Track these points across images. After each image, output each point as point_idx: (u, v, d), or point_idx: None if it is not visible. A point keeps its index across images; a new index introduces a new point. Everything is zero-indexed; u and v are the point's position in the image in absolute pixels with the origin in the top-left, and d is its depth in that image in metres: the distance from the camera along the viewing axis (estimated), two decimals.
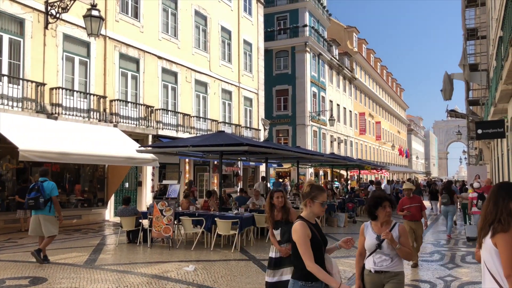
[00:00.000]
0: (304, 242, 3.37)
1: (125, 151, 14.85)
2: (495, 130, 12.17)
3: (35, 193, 8.59)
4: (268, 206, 5.31)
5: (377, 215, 4.18)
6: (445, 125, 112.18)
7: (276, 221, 5.23)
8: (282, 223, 5.17)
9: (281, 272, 5.03)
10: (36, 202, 8.54)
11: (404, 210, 8.77)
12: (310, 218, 3.55)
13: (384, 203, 4.18)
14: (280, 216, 5.23)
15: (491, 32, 17.81)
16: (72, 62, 15.77)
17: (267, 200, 5.38)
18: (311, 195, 3.55)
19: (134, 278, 7.63)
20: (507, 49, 7.93)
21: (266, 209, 5.34)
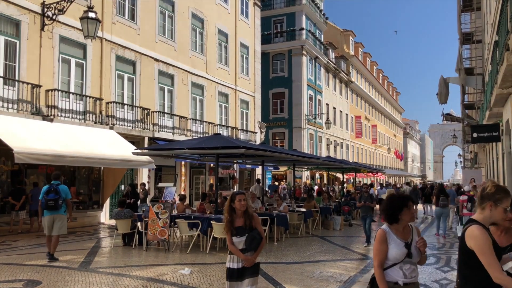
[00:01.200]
0: (487, 250, 2.97)
1: (121, 153, 14.82)
2: (490, 134, 12.23)
3: (54, 195, 9.14)
4: (228, 210, 4.77)
5: (401, 217, 3.61)
6: (440, 129, 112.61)
7: (237, 227, 4.70)
8: (246, 229, 4.68)
9: (245, 283, 4.67)
10: (55, 203, 9.13)
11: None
12: (486, 223, 3.16)
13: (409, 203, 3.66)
14: (242, 221, 4.72)
15: (487, 36, 17.92)
16: (68, 64, 15.74)
17: (226, 203, 4.84)
18: (495, 198, 3.14)
19: (129, 281, 7.59)
20: (502, 53, 7.98)
21: (225, 214, 4.81)
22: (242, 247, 4.67)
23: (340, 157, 41.12)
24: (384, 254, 3.57)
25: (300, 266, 9.08)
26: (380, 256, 3.57)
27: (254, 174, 28.08)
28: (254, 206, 13.31)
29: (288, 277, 8.05)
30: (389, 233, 3.60)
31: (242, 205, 4.72)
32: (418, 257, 3.59)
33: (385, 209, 3.70)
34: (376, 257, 3.58)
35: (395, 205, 3.64)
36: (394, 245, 3.56)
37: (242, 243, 4.68)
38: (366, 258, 10.29)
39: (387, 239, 3.58)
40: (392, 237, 3.59)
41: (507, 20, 7.30)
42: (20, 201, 13.72)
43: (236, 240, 4.67)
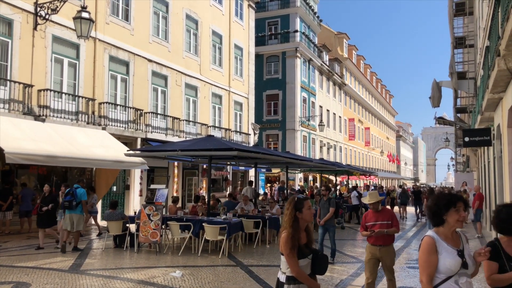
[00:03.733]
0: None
1: (113, 154, 14.73)
2: (482, 138, 12.32)
3: (70, 197, 10.87)
4: (291, 222, 3.59)
5: (446, 219, 3.12)
6: (433, 132, 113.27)
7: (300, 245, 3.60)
8: (308, 247, 3.66)
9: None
10: (70, 204, 10.79)
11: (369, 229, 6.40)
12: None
13: (458, 203, 3.13)
14: (305, 237, 3.68)
15: (479, 41, 18.06)
16: (61, 64, 15.64)
17: (289, 211, 3.67)
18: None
19: (120, 284, 7.55)
20: (494, 59, 8.04)
21: (287, 226, 3.60)
22: (308, 272, 3.60)
23: (333, 160, 41.22)
24: (434, 266, 3.02)
25: None
26: (430, 270, 3.01)
27: (247, 176, 28.06)
28: (247, 209, 13.31)
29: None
30: (438, 240, 3.09)
31: (311, 214, 3.72)
32: (474, 268, 3.11)
33: (430, 207, 3.25)
34: (425, 272, 3.02)
35: (441, 203, 3.16)
36: (446, 254, 3.04)
37: (308, 267, 3.61)
38: (358, 261, 10.32)
39: (437, 248, 3.05)
40: (442, 244, 3.08)
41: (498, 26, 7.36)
42: (6, 202, 13.62)
43: (302, 264, 3.56)
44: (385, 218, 6.40)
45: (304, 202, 3.66)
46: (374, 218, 6.43)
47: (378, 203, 6.58)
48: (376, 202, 6.54)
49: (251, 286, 7.64)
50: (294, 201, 3.69)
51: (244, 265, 9.34)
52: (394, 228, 6.34)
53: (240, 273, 8.59)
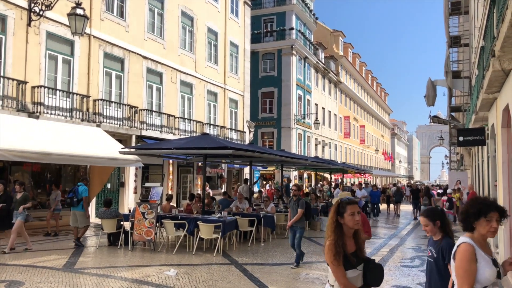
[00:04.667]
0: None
1: (107, 151, 14.67)
2: (476, 137, 12.36)
3: (72, 194, 11.59)
4: (334, 228, 3.30)
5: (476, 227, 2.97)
6: (428, 130, 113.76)
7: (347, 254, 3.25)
8: (358, 256, 3.34)
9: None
10: (71, 201, 11.48)
11: None
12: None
13: (491, 214, 2.93)
14: (354, 244, 3.34)
15: (474, 40, 18.12)
16: (55, 61, 15.53)
17: (331, 215, 3.38)
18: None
19: (114, 283, 7.52)
20: (488, 59, 8.06)
21: (330, 233, 3.30)
22: (360, 284, 3.27)
23: (328, 157, 41.28)
24: (474, 276, 2.84)
25: (286, 268, 9.09)
26: (471, 279, 2.82)
27: (242, 173, 28.06)
28: (242, 207, 13.31)
29: (274, 279, 8.05)
30: (476, 247, 2.93)
31: (356, 221, 3.31)
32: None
33: (462, 213, 3.14)
34: (466, 281, 2.82)
35: (470, 211, 3.01)
36: (484, 263, 2.87)
37: (359, 278, 3.28)
38: None
39: (477, 257, 2.88)
40: (479, 252, 2.91)
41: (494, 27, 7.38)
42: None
43: (351, 275, 3.21)
44: None
45: (348, 207, 3.30)
46: None
47: None
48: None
49: (246, 285, 7.64)
50: (337, 205, 3.39)
51: (239, 263, 9.35)
52: (365, 235, 5.64)
53: (234, 272, 8.59)
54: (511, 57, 6.69)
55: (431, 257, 3.89)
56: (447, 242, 3.81)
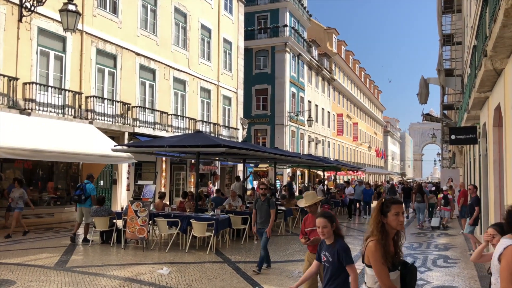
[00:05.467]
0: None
1: (100, 148, 14.60)
2: (468, 136, 12.44)
3: (79, 192, 11.82)
4: (379, 228, 3.17)
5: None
6: (420, 127, 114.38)
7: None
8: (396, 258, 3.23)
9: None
10: (79, 198, 11.73)
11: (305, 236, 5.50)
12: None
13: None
14: (392, 246, 3.24)
15: (466, 38, 18.20)
16: (47, 57, 15.39)
17: (375, 214, 3.23)
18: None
19: (106, 281, 7.49)
20: (481, 58, 8.11)
21: (376, 233, 3.17)
22: (399, 287, 3.21)
23: (322, 155, 41.39)
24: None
25: (279, 266, 9.11)
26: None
27: (236, 171, 28.05)
28: (235, 205, 13.30)
29: (266, 277, 8.07)
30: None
31: (400, 222, 3.19)
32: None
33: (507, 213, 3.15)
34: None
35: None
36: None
37: (398, 280, 3.19)
38: None
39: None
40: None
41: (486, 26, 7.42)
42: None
43: (392, 278, 3.13)
44: None
45: (392, 206, 3.17)
46: (313, 223, 5.37)
47: (316, 206, 5.57)
48: (313, 205, 5.53)
49: (238, 283, 7.64)
50: (380, 204, 3.25)
51: (232, 261, 9.35)
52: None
53: (227, 270, 8.59)
54: (503, 57, 6.73)
55: (328, 261, 3.86)
56: (341, 244, 3.85)
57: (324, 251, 3.93)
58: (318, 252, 4.04)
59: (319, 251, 4.03)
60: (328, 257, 3.87)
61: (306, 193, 5.66)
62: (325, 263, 3.92)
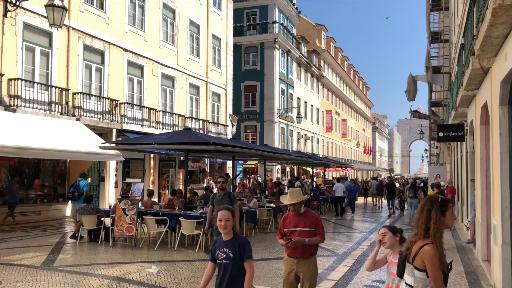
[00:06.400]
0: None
1: (87, 145, 14.44)
2: (456, 133, 12.57)
3: (73, 189, 12.13)
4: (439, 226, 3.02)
5: None
6: (408, 124, 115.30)
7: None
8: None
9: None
10: (72, 195, 12.03)
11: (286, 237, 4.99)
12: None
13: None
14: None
15: (454, 36, 18.35)
16: (32, 53, 15.16)
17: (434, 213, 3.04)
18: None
19: (94, 281, 7.42)
20: (468, 57, 8.17)
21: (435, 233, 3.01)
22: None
23: (311, 151, 41.52)
24: None
25: (269, 263, 9.11)
26: None
27: (225, 167, 27.99)
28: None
29: (256, 275, 8.03)
30: None
31: (453, 220, 3.10)
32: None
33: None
34: None
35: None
36: None
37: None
38: (334, 254, 10.43)
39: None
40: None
41: (473, 25, 7.47)
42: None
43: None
44: (308, 224, 4.98)
45: (449, 205, 3.05)
46: (294, 223, 5.02)
47: (301, 204, 5.10)
48: (298, 203, 5.05)
49: None
50: (438, 202, 3.05)
51: None
52: (317, 237, 4.99)
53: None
54: (490, 56, 6.79)
55: (227, 258, 3.77)
56: (242, 238, 3.83)
57: (222, 248, 3.79)
58: (213, 251, 3.91)
59: (213, 250, 3.90)
60: (227, 253, 3.75)
61: (291, 190, 5.14)
62: (222, 261, 3.78)
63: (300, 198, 5.04)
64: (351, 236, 13.92)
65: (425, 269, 2.98)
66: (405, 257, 3.13)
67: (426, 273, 2.98)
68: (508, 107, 6.73)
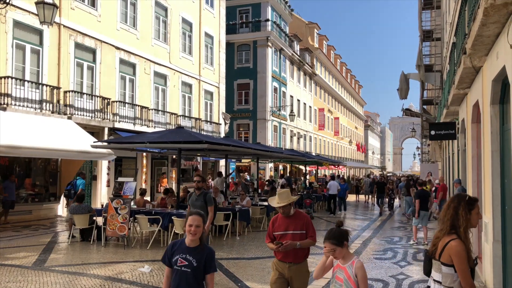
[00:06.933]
0: None
1: (79, 144, 14.34)
2: (447, 131, 12.65)
3: (70, 187, 12.86)
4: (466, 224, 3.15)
5: None
6: (400, 122, 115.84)
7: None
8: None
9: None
10: (68, 193, 12.69)
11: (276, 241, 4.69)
12: None
13: None
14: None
15: (445, 35, 18.46)
16: (23, 50, 15.01)
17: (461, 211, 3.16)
18: None
19: (86, 281, 7.37)
20: (460, 55, 8.22)
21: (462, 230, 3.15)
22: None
23: (303, 149, 41.59)
24: None
25: (262, 262, 9.11)
26: None
27: (218, 166, 27.96)
28: (218, 201, 13.24)
29: (249, 274, 8.06)
30: None
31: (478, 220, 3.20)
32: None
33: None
34: None
35: None
36: None
37: None
38: None
39: None
40: None
41: (465, 24, 7.50)
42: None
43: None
44: (298, 226, 4.70)
45: (475, 204, 3.15)
46: (283, 226, 4.71)
47: (290, 206, 4.76)
48: (288, 204, 4.71)
49: (221, 280, 7.61)
50: (465, 200, 3.14)
51: None
52: (309, 240, 4.70)
53: None
54: (482, 55, 6.82)
55: (188, 266, 3.46)
56: (210, 249, 3.61)
57: (184, 254, 3.47)
58: (169, 255, 3.54)
59: (170, 254, 3.54)
60: (191, 261, 3.45)
61: (279, 191, 4.84)
62: (181, 268, 3.45)
63: (289, 199, 4.71)
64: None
65: (452, 264, 3.08)
66: (431, 254, 3.22)
67: (454, 268, 3.07)
68: (499, 106, 6.78)
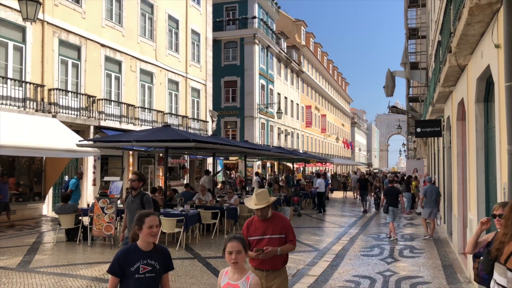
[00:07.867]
0: None
1: (64, 143, 14.15)
2: (433, 129, 12.78)
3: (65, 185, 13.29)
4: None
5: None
6: (386, 119, 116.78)
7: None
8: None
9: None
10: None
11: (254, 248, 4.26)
12: None
13: None
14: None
15: (431, 33, 18.62)
16: (5, 48, 14.73)
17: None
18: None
19: (73, 282, 7.28)
20: (445, 54, 8.29)
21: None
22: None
23: (291, 146, 41.68)
24: None
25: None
26: None
27: (205, 164, 27.86)
28: (205, 199, 13.20)
29: None
30: None
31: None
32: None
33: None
34: None
35: None
36: None
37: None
38: (315, 250, 10.50)
39: None
40: None
41: (450, 23, 7.57)
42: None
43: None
44: (277, 230, 4.30)
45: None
46: (260, 230, 4.32)
47: (269, 207, 4.36)
48: (266, 206, 4.31)
49: (209, 279, 7.60)
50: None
51: (202, 257, 9.28)
52: (289, 245, 4.32)
53: (197, 266, 8.53)
54: (467, 54, 6.89)
55: (152, 271, 3.29)
56: (164, 248, 3.49)
57: (144, 260, 3.27)
58: (123, 265, 3.24)
59: (125, 263, 3.25)
60: (154, 265, 3.29)
61: (256, 191, 4.37)
62: (146, 275, 3.25)
63: (268, 200, 4.32)
64: (332, 231, 14.04)
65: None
66: (495, 257, 3.18)
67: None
68: (483, 104, 6.86)
